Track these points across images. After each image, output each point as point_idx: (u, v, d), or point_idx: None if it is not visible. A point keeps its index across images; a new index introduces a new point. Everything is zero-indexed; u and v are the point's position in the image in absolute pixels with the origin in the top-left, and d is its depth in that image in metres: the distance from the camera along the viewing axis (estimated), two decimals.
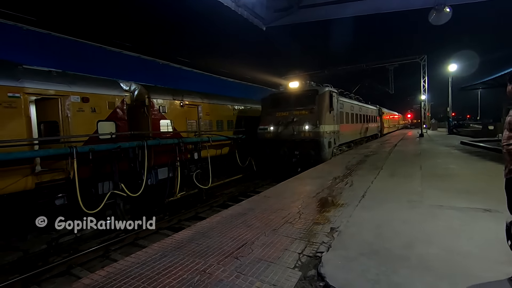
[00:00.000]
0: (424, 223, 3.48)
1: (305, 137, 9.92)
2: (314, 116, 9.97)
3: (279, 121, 10.59)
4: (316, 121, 9.78)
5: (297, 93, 10.85)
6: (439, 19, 10.55)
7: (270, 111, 11.16)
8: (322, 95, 10.37)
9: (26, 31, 10.21)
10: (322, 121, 9.86)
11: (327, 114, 10.20)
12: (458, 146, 13.06)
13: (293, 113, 10.45)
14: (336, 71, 21.88)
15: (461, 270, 2.36)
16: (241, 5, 11.15)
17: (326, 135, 9.94)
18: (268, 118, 10.99)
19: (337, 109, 11.43)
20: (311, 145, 9.84)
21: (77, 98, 6.73)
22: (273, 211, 4.27)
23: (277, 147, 10.54)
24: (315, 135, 9.76)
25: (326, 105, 10.24)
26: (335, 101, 11.13)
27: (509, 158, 2.22)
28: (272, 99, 11.64)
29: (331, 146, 10.37)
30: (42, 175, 6.12)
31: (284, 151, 10.37)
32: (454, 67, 23.10)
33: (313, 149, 9.87)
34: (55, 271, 4.90)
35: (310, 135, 9.83)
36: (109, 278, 2.46)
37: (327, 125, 10.15)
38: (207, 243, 3.14)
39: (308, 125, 9.88)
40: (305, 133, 9.91)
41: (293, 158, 10.11)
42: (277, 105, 11.19)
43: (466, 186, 5.04)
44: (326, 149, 9.95)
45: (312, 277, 2.42)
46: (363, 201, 4.62)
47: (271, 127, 10.71)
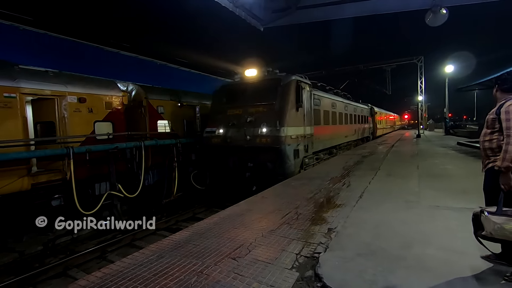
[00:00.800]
0: (421, 223, 3.49)
1: (261, 144, 7.31)
2: (274, 114, 7.40)
3: (231, 121, 7.91)
4: (276, 122, 7.17)
5: (255, 83, 8.26)
6: (436, 21, 10.65)
7: (220, 107, 8.48)
8: (286, 86, 7.77)
9: (23, 31, 10.15)
10: (285, 121, 7.28)
11: (292, 111, 7.64)
12: (455, 147, 13.15)
13: (248, 111, 7.82)
14: (333, 71, 21.95)
15: (458, 270, 2.37)
16: (239, 5, 11.18)
17: (290, 141, 7.40)
18: (217, 118, 8.31)
19: (310, 106, 8.86)
20: (270, 154, 7.31)
21: (74, 99, 6.69)
22: (271, 211, 4.27)
23: (226, 156, 8.04)
24: (274, 141, 7.16)
25: (292, 99, 7.65)
26: (307, 95, 8.54)
27: (484, 154, 2.45)
28: (223, 91, 8.93)
29: (298, 156, 7.90)
30: (38, 176, 6.08)
31: (234, 162, 7.88)
32: (451, 68, 23.25)
33: (271, 160, 7.35)
34: (51, 273, 4.87)
35: (267, 140, 7.25)
36: (106, 280, 2.45)
37: (293, 127, 7.59)
38: (205, 244, 3.12)
39: (265, 127, 7.31)
40: (261, 138, 7.30)
41: (246, 172, 7.63)
42: (229, 99, 8.60)
43: (462, 186, 5.08)
44: (291, 160, 7.44)
45: (310, 277, 2.41)
46: (360, 201, 4.63)
47: (220, 130, 7.99)
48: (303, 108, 8.19)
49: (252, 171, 7.55)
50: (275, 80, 8.01)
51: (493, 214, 2.17)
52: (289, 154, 7.40)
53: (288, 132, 7.31)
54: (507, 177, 2.20)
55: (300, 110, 7.99)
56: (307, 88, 8.69)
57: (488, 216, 2.16)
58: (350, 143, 14.94)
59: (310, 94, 8.91)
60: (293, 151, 7.59)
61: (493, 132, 2.38)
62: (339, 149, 13.00)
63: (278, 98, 7.63)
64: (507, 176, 2.20)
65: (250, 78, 8.37)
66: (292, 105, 7.66)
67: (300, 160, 8.07)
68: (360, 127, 17.28)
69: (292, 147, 7.51)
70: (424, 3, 10.99)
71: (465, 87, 22.54)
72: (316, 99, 9.56)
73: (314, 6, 12.63)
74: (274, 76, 8.23)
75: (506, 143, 2.18)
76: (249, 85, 8.33)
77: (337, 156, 11.75)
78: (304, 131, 8.30)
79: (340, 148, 13.19)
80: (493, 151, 2.35)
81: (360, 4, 12.09)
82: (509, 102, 2.28)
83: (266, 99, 7.76)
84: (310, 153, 8.84)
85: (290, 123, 7.46)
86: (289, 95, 7.65)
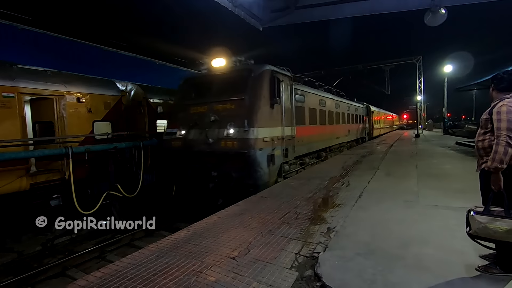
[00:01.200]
0: (420, 222, 3.50)
1: (226, 148, 6.10)
2: (243, 112, 6.17)
3: (193, 120, 6.67)
4: (244, 121, 5.97)
5: (223, 76, 7.03)
6: (435, 21, 10.67)
7: (184, 104, 7.24)
8: (258, 77, 6.50)
9: (21, 31, 10.12)
10: (255, 120, 6.07)
11: (265, 109, 6.40)
12: (454, 147, 13.18)
13: (213, 108, 6.59)
14: (333, 72, 21.94)
15: (457, 269, 2.38)
16: (238, 5, 11.17)
17: (262, 144, 6.13)
18: (180, 116, 7.07)
19: (291, 103, 7.65)
20: (236, 161, 6.01)
21: (72, 98, 6.69)
22: (270, 211, 4.27)
23: (187, 163, 6.72)
24: (241, 145, 5.94)
25: (265, 94, 6.42)
26: (285, 89, 7.30)
27: (477, 154, 2.46)
28: (187, 85, 7.72)
29: (274, 162, 6.57)
30: (37, 175, 6.07)
31: (195, 170, 6.54)
32: (450, 68, 23.33)
33: (238, 169, 6.03)
34: (50, 273, 4.86)
35: (233, 144, 6.04)
36: (105, 280, 2.44)
37: (266, 128, 6.34)
38: (204, 244, 3.12)
39: (231, 128, 6.10)
40: (226, 142, 6.12)
41: (210, 183, 6.26)
42: (193, 94, 7.44)
43: (461, 186, 5.09)
44: (263, 168, 6.16)
45: (309, 277, 2.42)
46: (359, 201, 4.63)
47: (181, 131, 6.80)
48: (280, 105, 6.91)
49: (216, 181, 6.23)
50: (245, 71, 6.76)
51: (479, 213, 2.22)
52: (261, 161, 6.08)
53: (260, 133, 6.07)
54: (496, 177, 2.19)
55: (276, 107, 6.74)
56: (286, 81, 7.41)
57: (474, 216, 2.22)
58: (342, 144, 13.88)
59: (291, 89, 7.67)
60: (267, 156, 6.29)
61: (486, 132, 2.37)
62: (330, 151, 11.83)
63: (248, 93, 6.35)
64: (496, 177, 2.19)
65: (217, 69, 7.10)
66: (265, 101, 6.39)
67: (276, 167, 6.79)
68: (355, 127, 16.19)
69: (264, 152, 6.23)
70: (423, 3, 11.00)
71: (463, 87, 22.60)
72: (299, 95, 8.32)
73: (313, 6, 12.63)
74: (244, 67, 6.97)
75: (496, 144, 2.18)
76: (216, 77, 7.06)
77: (336, 156, 11.73)
78: (283, 132, 7.04)
79: (331, 150, 12.07)
80: (486, 151, 2.35)
81: (359, 4, 12.10)
82: (501, 103, 2.26)
83: (235, 94, 6.49)
84: (291, 158, 7.56)
85: (263, 123, 6.23)
86: (261, 88, 6.38)
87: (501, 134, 2.16)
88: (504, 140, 2.13)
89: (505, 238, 2.10)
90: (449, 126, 25.53)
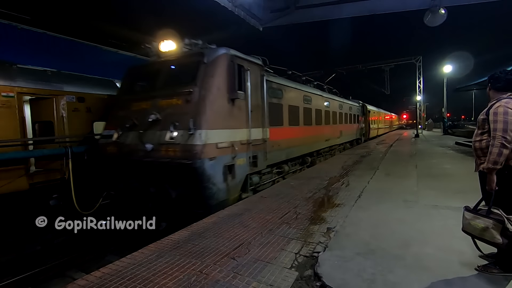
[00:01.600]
0: (419, 222, 3.51)
1: (168, 157, 4.64)
2: (190, 109, 4.72)
3: (133, 120, 5.17)
4: (189, 121, 4.50)
5: (171, 63, 5.62)
6: (434, 21, 10.68)
7: (125, 99, 5.79)
8: (212, 64, 5.03)
9: (21, 30, 10.10)
10: (205, 120, 4.62)
11: (220, 105, 4.97)
12: (453, 147, 13.21)
13: (157, 104, 5.15)
14: (332, 71, 21.96)
15: (456, 269, 2.38)
16: (237, 5, 11.17)
17: (215, 152, 4.69)
18: (119, 114, 5.61)
19: (263, 98, 6.16)
20: (177, 175, 4.67)
21: (72, 98, 6.68)
22: (270, 211, 4.27)
23: (122, 174, 5.42)
24: (184, 153, 4.50)
25: (220, 85, 4.99)
26: (253, 80, 5.79)
27: (475, 154, 2.50)
28: (131, 76, 6.21)
29: (234, 175, 5.17)
30: (37, 175, 6.06)
31: (129, 185, 5.25)
32: (449, 68, 23.35)
33: (179, 186, 4.73)
34: (49, 272, 4.85)
35: (175, 153, 4.59)
36: (105, 279, 2.44)
37: (221, 130, 4.92)
38: (204, 244, 3.12)
39: (175, 131, 4.65)
40: (167, 149, 4.66)
41: (149, 202, 4.97)
42: (137, 88, 6.06)
43: (461, 186, 5.10)
44: (216, 184, 4.72)
45: (309, 277, 2.42)
46: (359, 201, 4.64)
47: (118, 133, 5.26)
48: (245, 100, 5.52)
49: (156, 199, 4.88)
50: (196, 56, 5.26)
51: (468, 210, 2.31)
52: (212, 174, 4.61)
53: (211, 137, 4.59)
54: (490, 178, 2.22)
55: (238, 103, 5.34)
56: (255, 71, 5.95)
57: (464, 212, 2.33)
58: (334, 147, 12.61)
59: (261, 81, 6.17)
60: (223, 168, 4.86)
61: (483, 133, 2.38)
62: (319, 156, 10.49)
63: (198, 84, 4.86)
64: (490, 178, 2.22)
65: (166, 54, 5.64)
66: (220, 94, 4.95)
67: (239, 181, 5.35)
68: (348, 128, 14.85)
69: (219, 162, 4.76)
70: (423, 3, 11.02)
71: (463, 87, 22.69)
72: (275, 89, 6.90)
73: (313, 6, 12.64)
74: (196, 51, 5.48)
75: (491, 145, 2.20)
76: (163, 65, 5.63)
77: (335, 156, 11.72)
78: (249, 136, 5.59)
79: (320, 154, 10.74)
80: (483, 151, 2.35)
81: (359, 4, 12.12)
82: (498, 103, 2.26)
83: (182, 86, 5.05)
84: (262, 167, 6.17)
85: (216, 124, 4.77)
86: (215, 78, 4.91)
87: (497, 135, 2.17)
88: (499, 141, 2.15)
89: (481, 235, 2.18)
90: (448, 126, 25.60)
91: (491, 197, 2.22)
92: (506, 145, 2.13)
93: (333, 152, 12.58)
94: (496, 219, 2.11)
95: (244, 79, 5.56)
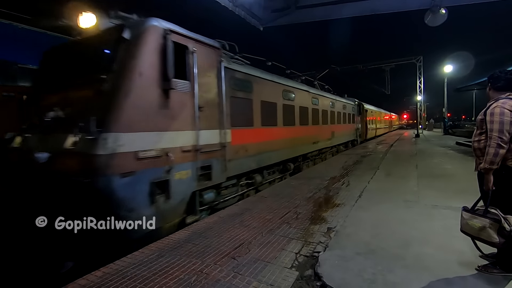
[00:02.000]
0: (420, 222, 3.51)
1: (61, 169, 3.26)
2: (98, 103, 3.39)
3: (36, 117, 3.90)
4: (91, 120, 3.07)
5: (87, 42, 4.15)
6: (435, 21, 10.66)
7: (36, 91, 4.58)
8: (136, 41, 3.59)
9: (21, 30, 10.11)
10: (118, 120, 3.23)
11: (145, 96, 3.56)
12: (454, 147, 13.20)
13: (66, 97, 3.83)
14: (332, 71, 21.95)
15: (457, 269, 2.38)
16: (238, 5, 11.17)
17: (134, 165, 3.31)
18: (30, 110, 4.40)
19: (221, 91, 4.86)
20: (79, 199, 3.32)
21: None
22: (270, 211, 4.27)
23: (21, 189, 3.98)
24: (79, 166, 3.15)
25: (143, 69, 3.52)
26: (204, 66, 4.51)
27: (474, 154, 2.51)
28: (47, 62, 4.69)
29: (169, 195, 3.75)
30: None
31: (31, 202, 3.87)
32: (450, 68, 23.33)
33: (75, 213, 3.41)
34: None
35: (71, 164, 3.22)
36: (105, 279, 2.45)
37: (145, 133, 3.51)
38: (204, 243, 3.13)
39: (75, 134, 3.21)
40: (64, 159, 3.28)
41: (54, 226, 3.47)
42: (49, 75, 4.50)
43: (461, 186, 5.09)
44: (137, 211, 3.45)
45: (309, 276, 2.42)
46: (359, 201, 4.64)
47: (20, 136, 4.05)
48: (191, 92, 4.20)
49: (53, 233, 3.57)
50: (114, 31, 3.78)
51: (466, 210, 2.32)
52: (128, 197, 3.33)
53: (125, 144, 3.23)
54: (487, 178, 2.23)
55: (178, 96, 3.97)
56: (209, 54, 4.68)
57: (462, 212, 2.34)
58: (324, 151, 11.17)
59: (219, 69, 4.87)
60: (148, 186, 3.52)
61: (482, 133, 2.38)
62: (305, 160, 9.23)
63: (115, 68, 3.50)
64: (487, 178, 2.23)
65: (86, 31, 4.17)
66: (145, 82, 3.54)
67: (180, 201, 3.99)
68: (342, 129, 13.54)
69: (140, 179, 3.42)
70: (424, 3, 11.00)
71: (463, 87, 22.65)
72: (240, 80, 5.59)
73: (314, 5, 12.63)
74: (115, 26, 3.97)
75: (488, 145, 2.21)
76: (80, 45, 4.29)
77: (335, 156, 11.69)
78: (197, 140, 4.26)
79: (308, 159, 9.48)
80: (482, 151, 2.36)
81: (359, 4, 12.10)
82: (495, 104, 2.27)
83: (91, 73, 3.69)
84: (221, 180, 4.84)
85: (135, 124, 3.40)
86: (137, 59, 3.51)
87: (493, 135, 2.19)
88: (495, 142, 2.16)
89: (478, 235, 2.19)
90: (449, 126, 25.57)
91: (488, 197, 2.23)
92: (502, 145, 2.14)
93: (324, 155, 11.33)
94: (493, 219, 2.12)
95: (189, 64, 4.20)
